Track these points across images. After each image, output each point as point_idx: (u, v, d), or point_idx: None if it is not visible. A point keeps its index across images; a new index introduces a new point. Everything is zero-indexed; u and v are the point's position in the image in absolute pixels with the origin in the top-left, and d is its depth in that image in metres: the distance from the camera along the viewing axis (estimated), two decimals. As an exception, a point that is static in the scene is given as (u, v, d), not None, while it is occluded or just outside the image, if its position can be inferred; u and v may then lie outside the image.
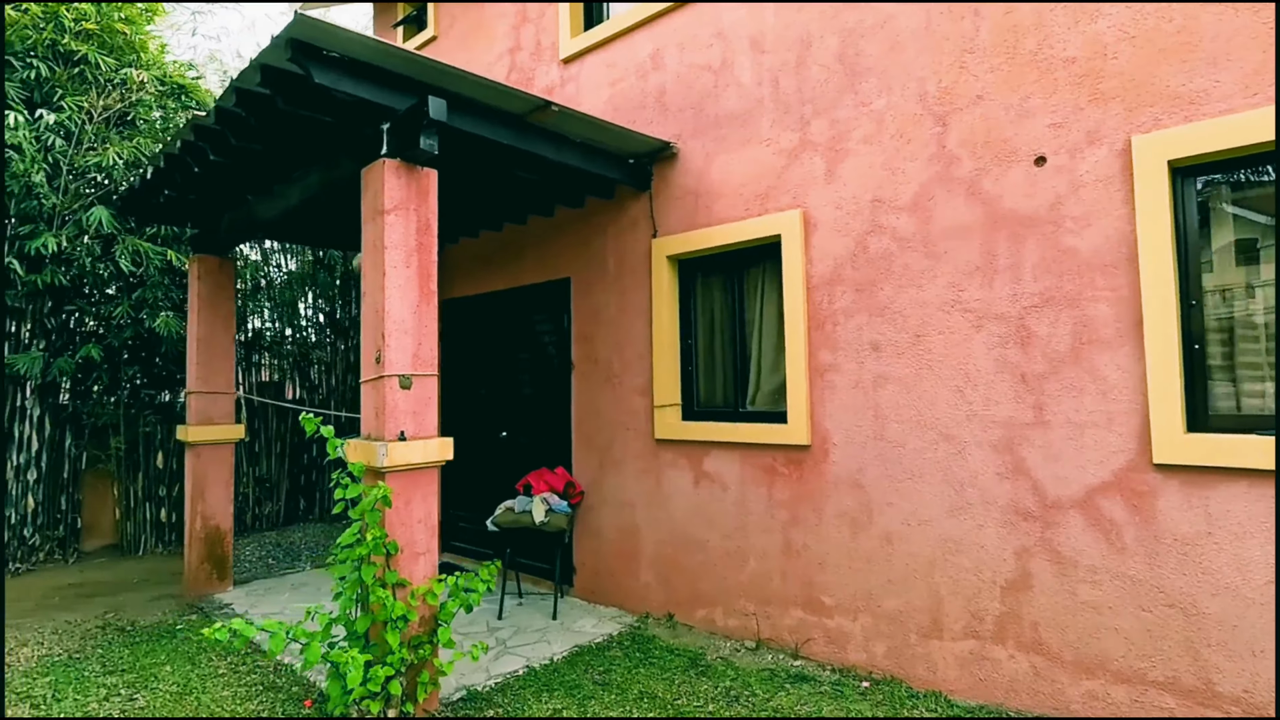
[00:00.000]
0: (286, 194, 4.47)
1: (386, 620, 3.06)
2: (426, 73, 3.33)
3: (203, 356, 5.52)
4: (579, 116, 4.02)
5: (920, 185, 3.54)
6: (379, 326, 3.39)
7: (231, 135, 3.75)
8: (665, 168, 4.73)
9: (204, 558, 5.47)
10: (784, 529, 4.04)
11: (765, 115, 4.20)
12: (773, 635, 4.07)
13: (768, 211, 4.16)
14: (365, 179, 3.54)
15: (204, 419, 5.51)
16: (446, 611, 3.27)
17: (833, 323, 3.86)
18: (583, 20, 5.46)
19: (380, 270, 3.39)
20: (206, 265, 5.56)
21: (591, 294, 5.18)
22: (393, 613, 3.03)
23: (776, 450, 4.09)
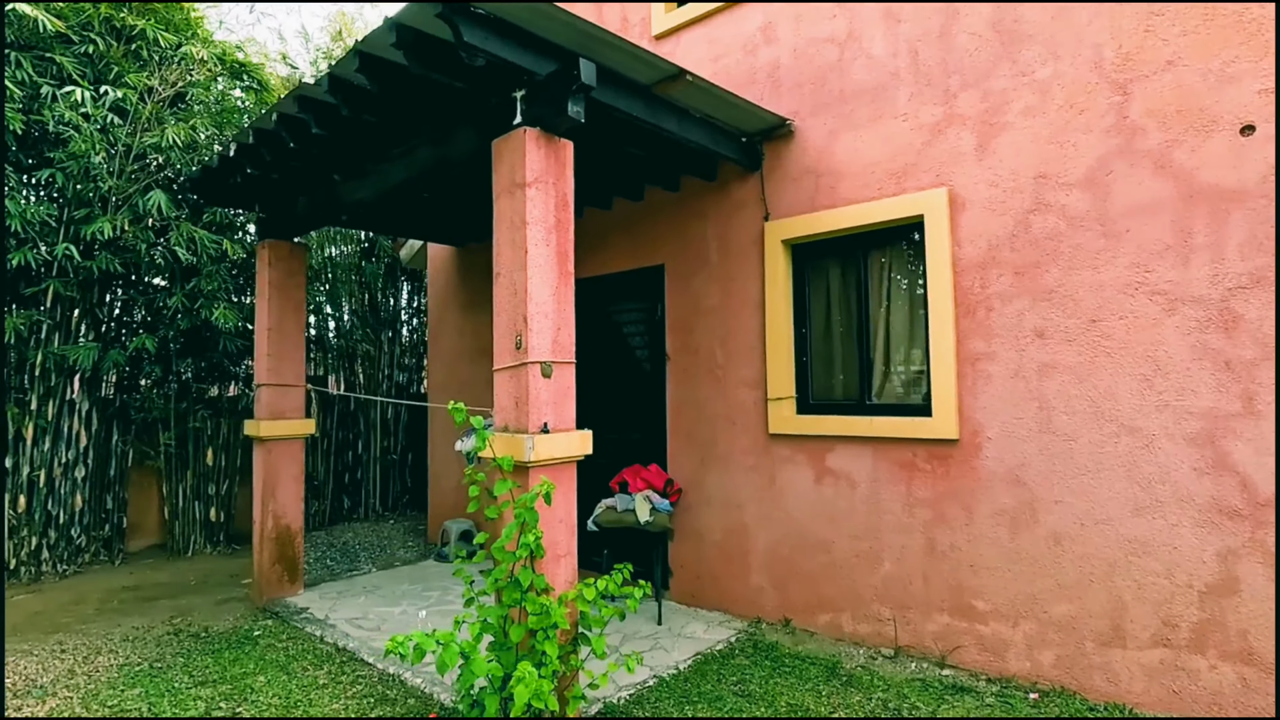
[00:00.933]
0: (384, 173, 4.20)
1: (542, 629, 2.80)
2: (575, 35, 3.06)
3: (273, 347, 5.23)
4: (709, 89, 3.76)
5: (1096, 159, 3.29)
6: (519, 309, 3.13)
7: (345, 105, 3.47)
8: (779, 147, 4.47)
9: (275, 559, 5.19)
10: (926, 529, 3.79)
11: (901, 89, 3.95)
12: (913, 642, 3.82)
13: (905, 191, 3.91)
14: (498, 151, 3.27)
15: (275, 413, 5.22)
16: (597, 619, 3.00)
17: (986, 308, 3.61)
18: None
19: (520, 248, 3.13)
20: (277, 251, 5.27)
21: (689, 281, 4.92)
22: (553, 620, 2.76)
23: (917, 445, 3.83)
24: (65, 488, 6.19)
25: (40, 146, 5.64)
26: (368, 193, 4.33)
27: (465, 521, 6.45)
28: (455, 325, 6.94)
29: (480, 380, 6.62)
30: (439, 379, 7.10)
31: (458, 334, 6.91)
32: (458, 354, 6.89)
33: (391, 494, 8.83)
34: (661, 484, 4.79)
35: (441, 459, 7.05)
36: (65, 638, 4.58)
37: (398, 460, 8.84)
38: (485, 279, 6.63)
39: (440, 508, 7.02)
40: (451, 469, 6.91)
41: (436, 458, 7.12)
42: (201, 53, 6.00)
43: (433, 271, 7.30)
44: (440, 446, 7.06)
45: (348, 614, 4.83)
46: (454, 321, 6.96)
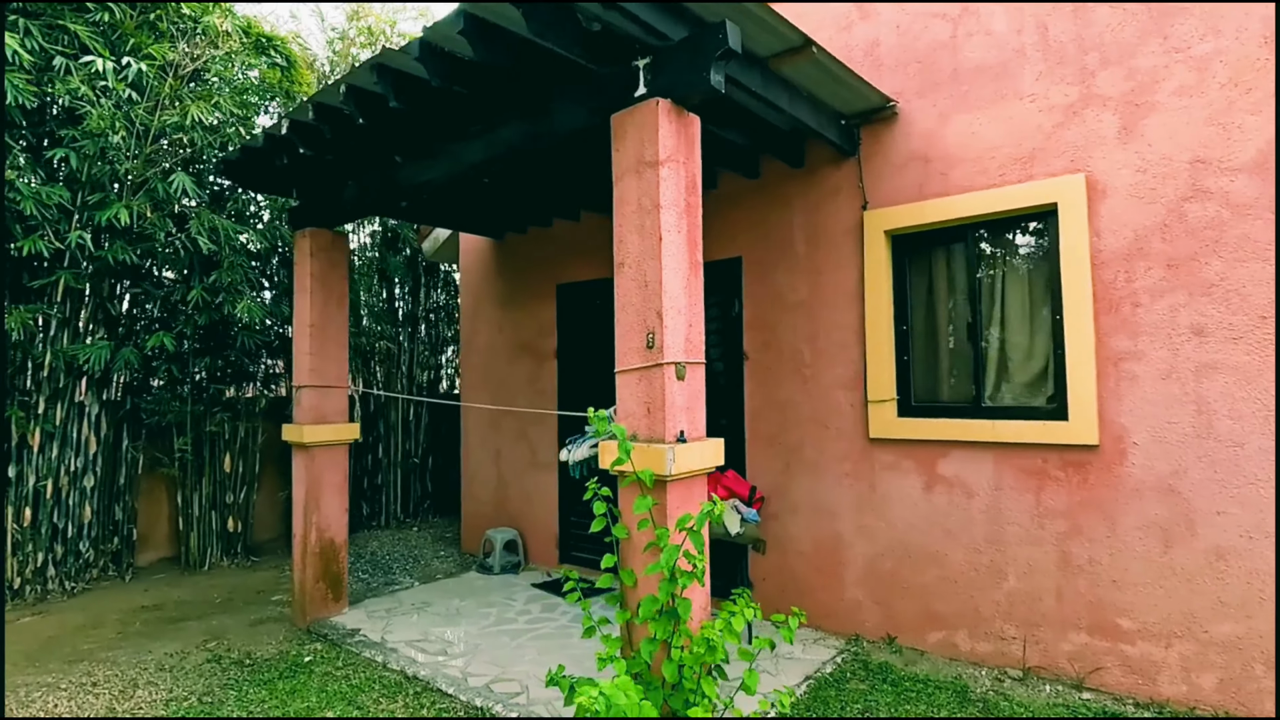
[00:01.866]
0: (457, 153, 3.80)
1: (696, 663, 2.46)
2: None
3: (315, 345, 4.80)
4: (829, 63, 3.43)
5: (1266, 142, 3.04)
6: (651, 303, 2.78)
7: (437, 75, 3.08)
8: (879, 130, 4.17)
9: (318, 575, 4.77)
10: (1059, 541, 3.52)
11: (1027, 67, 3.66)
12: (1044, 663, 3.55)
13: (1033, 177, 3.63)
14: (620, 126, 2.91)
15: (318, 417, 4.80)
16: (746, 651, 2.67)
17: (1132, 303, 3.34)
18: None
19: (652, 235, 2.78)
20: (319, 240, 4.84)
21: (771, 275, 4.60)
22: (719, 655, 2.43)
23: (1048, 451, 3.56)
24: (73, 498, 5.69)
25: (50, 124, 5.13)
26: (437, 175, 3.94)
27: (509, 530, 6.07)
28: (492, 321, 6.54)
29: (518, 379, 6.24)
30: (474, 378, 6.69)
31: (495, 330, 6.51)
32: (495, 352, 6.49)
33: (412, 499, 8.39)
34: (746, 492, 4.47)
35: (476, 462, 6.65)
36: (92, 668, 4.13)
37: (419, 464, 8.40)
38: (525, 273, 6.25)
39: (476, 515, 6.63)
40: (488, 473, 6.52)
41: (471, 461, 6.72)
42: (225, 24, 5.52)
43: (466, 265, 6.88)
44: (475, 449, 6.66)
45: (406, 635, 4.44)
46: (491, 317, 6.56)
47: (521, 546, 6.08)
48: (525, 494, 6.18)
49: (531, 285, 6.20)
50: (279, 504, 7.33)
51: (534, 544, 6.07)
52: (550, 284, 6.04)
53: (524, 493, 6.19)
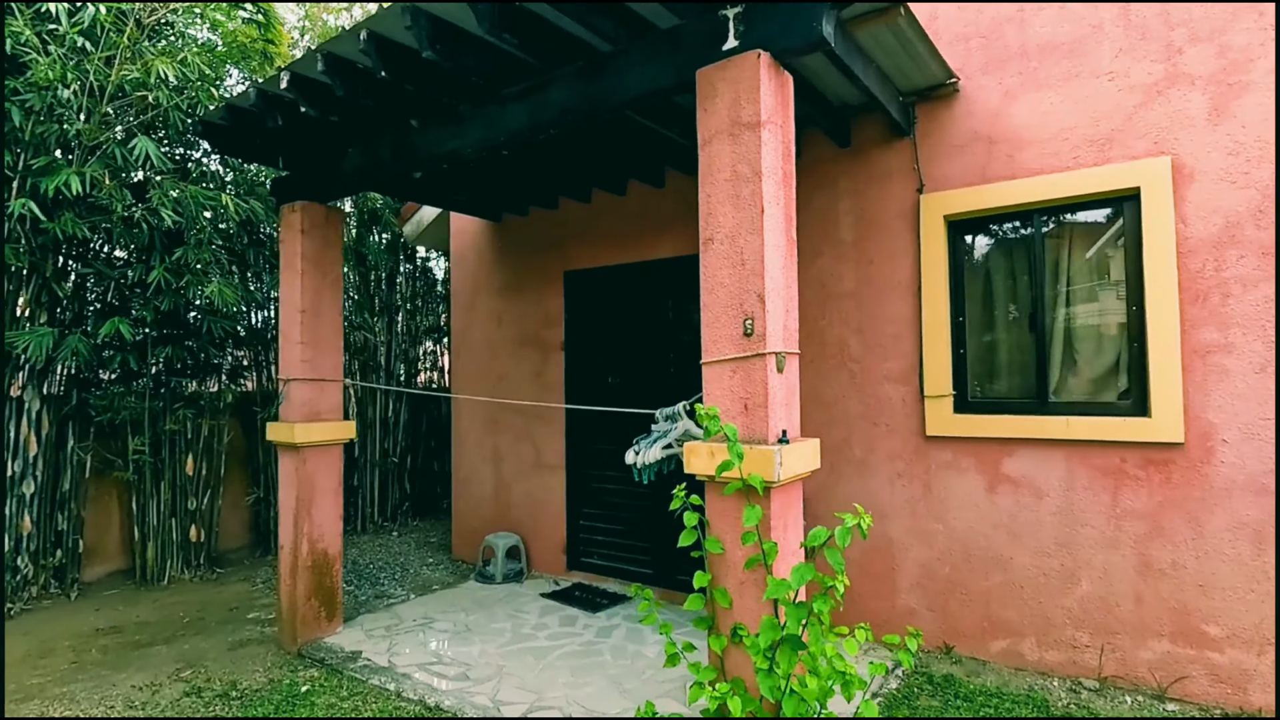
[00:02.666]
0: (492, 118, 3.36)
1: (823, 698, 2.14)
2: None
3: (308, 334, 4.27)
4: (909, 27, 3.15)
5: (1373, 125, 2.90)
6: (750, 285, 2.43)
7: (485, 21, 2.65)
8: (937, 109, 3.92)
9: (310, 591, 4.25)
10: (1138, 544, 3.34)
11: (1106, 43, 3.46)
12: (1121, 671, 3.37)
13: (1111, 160, 3.43)
14: (709, 82, 2.55)
15: (310, 413, 4.27)
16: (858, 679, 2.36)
17: (1222, 294, 3.18)
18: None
19: (751, 207, 2.43)
20: (312, 216, 4.31)
21: (813, 262, 4.31)
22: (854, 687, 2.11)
23: (1126, 449, 3.38)
24: (10, 507, 4.97)
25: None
26: (465, 144, 3.48)
27: (510, 536, 5.63)
28: (490, 311, 6.07)
29: (521, 374, 5.80)
30: (469, 371, 6.21)
31: (493, 322, 6.04)
32: (493, 344, 6.03)
33: (390, 502, 7.82)
34: (788, 494, 4.17)
35: (472, 463, 6.17)
36: (46, 707, 3.53)
37: (397, 464, 7.83)
38: (527, 258, 5.80)
39: (470, 519, 6.15)
40: (484, 474, 6.06)
41: (465, 462, 6.23)
42: (195, -29, 4.89)
43: (458, 250, 6.38)
44: (470, 449, 6.19)
45: (416, 657, 3.98)
46: (489, 307, 6.08)
47: (524, 553, 5.65)
48: (528, 497, 5.75)
49: (535, 272, 5.76)
50: (245, 509, 6.68)
51: (538, 550, 5.65)
52: (557, 270, 5.62)
53: (527, 495, 5.76)
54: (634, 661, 3.88)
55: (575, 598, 4.99)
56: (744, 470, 2.29)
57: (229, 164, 5.55)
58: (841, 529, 2.15)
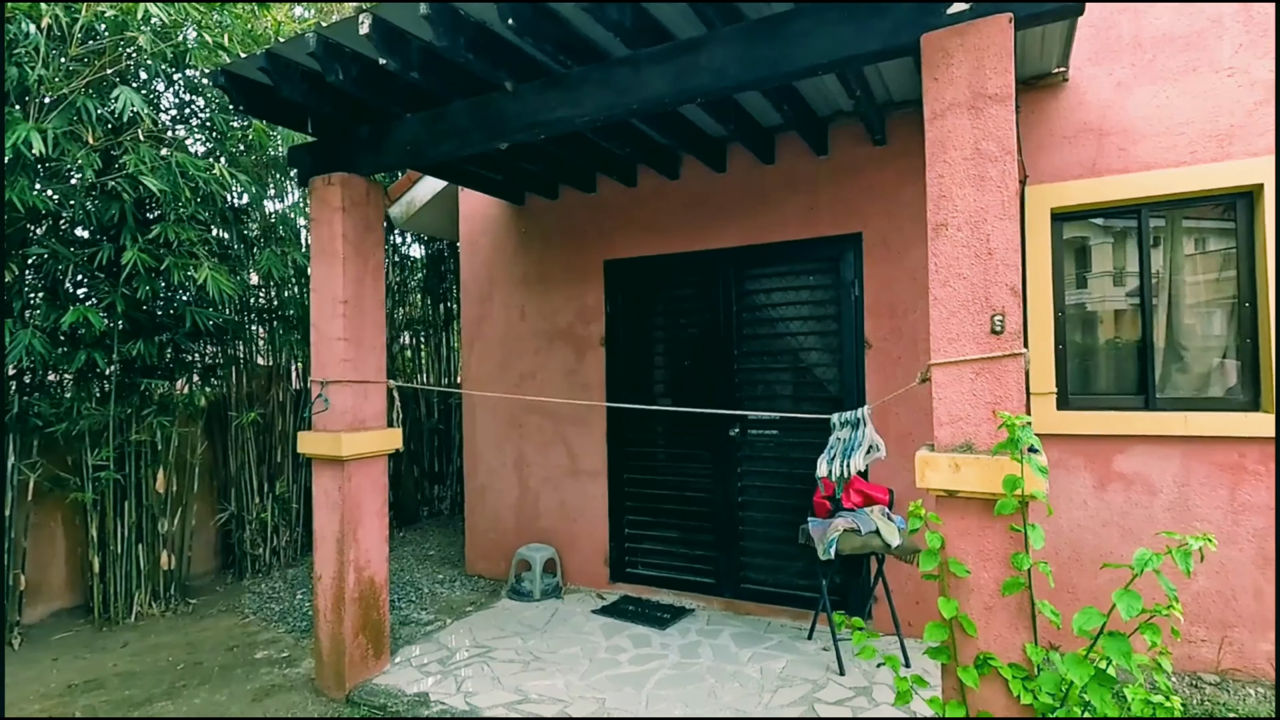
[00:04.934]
0: (622, 83, 2.92)
1: (1121, 740, 1.93)
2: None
3: (352, 329, 3.67)
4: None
5: None
6: (999, 276, 2.18)
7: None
8: (1042, 98, 3.82)
9: (359, 627, 3.67)
10: (1257, 538, 3.38)
11: (1226, 38, 3.46)
12: (1239, 665, 3.41)
13: (1231, 156, 3.44)
14: (938, 48, 2.27)
15: (354, 421, 3.67)
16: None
17: (1344, 292, 3.24)
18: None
19: (1001, 189, 2.18)
20: (352, 191, 3.69)
21: (902, 255, 4.14)
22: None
23: (1244, 444, 3.41)
24: (-59, 542, 4.04)
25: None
26: (579, 112, 3.01)
27: (545, 548, 5.17)
28: (511, 304, 5.54)
29: (550, 372, 5.33)
30: (486, 369, 5.65)
31: (515, 315, 5.52)
32: (515, 339, 5.51)
33: (373, 512, 7.07)
34: (885, 497, 4.00)
35: (490, 470, 5.64)
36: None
37: (380, 470, 7.08)
38: (559, 246, 5.33)
39: (489, 531, 5.62)
40: (506, 482, 5.54)
41: (481, 468, 5.68)
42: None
43: (470, 235, 5.79)
44: (488, 454, 5.64)
45: (498, 697, 3.50)
46: (509, 300, 5.55)
47: (559, 566, 5.21)
48: (561, 505, 5.29)
49: (568, 261, 5.29)
50: (214, 530, 5.82)
51: (574, 562, 5.22)
52: (595, 260, 5.18)
53: (560, 504, 5.30)
54: (743, 685, 3.58)
55: (631, 613, 4.62)
56: (992, 482, 2.03)
57: (215, 125, 4.73)
58: (1181, 550, 1.95)
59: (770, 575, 4.55)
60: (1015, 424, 1.97)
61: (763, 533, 4.59)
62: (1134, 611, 1.86)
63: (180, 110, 4.81)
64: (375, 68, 3.14)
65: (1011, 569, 2.15)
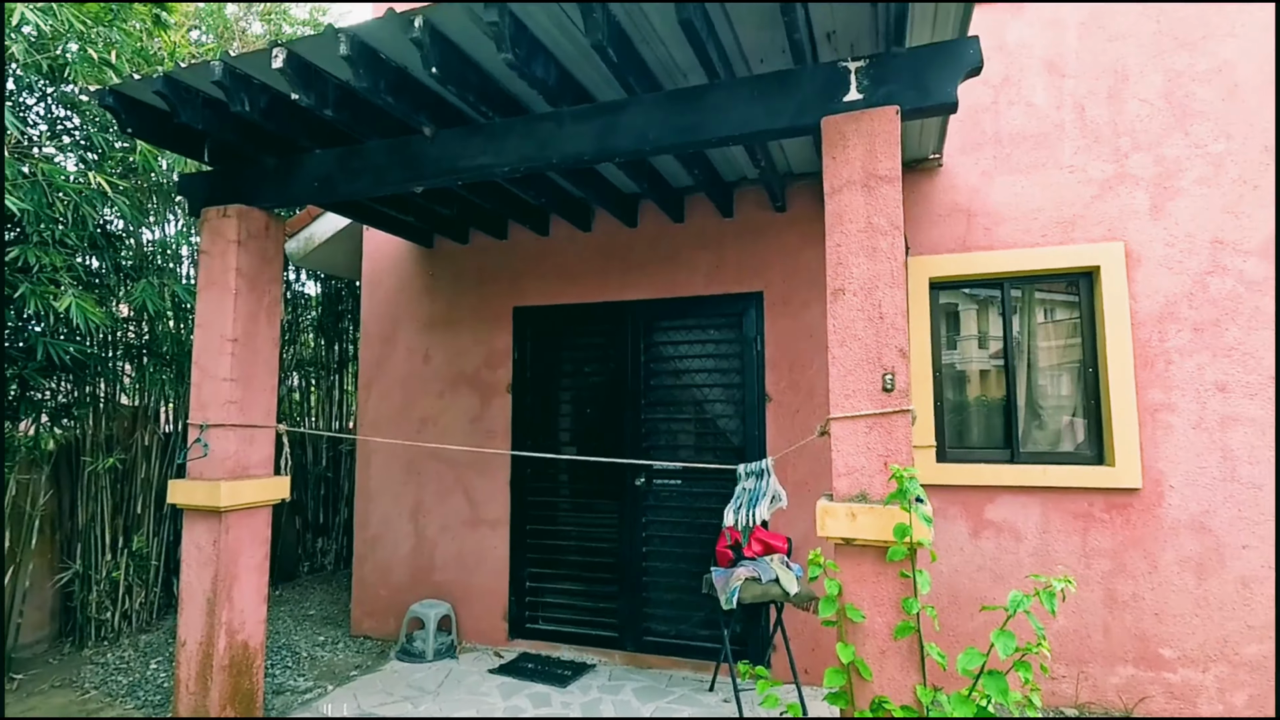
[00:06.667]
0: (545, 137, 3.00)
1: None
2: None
3: (240, 368, 3.44)
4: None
5: (1271, 232, 3.65)
6: (890, 339, 2.38)
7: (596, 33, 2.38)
8: (920, 179, 4.26)
9: (228, 698, 3.33)
10: (1105, 580, 3.77)
11: (1066, 141, 4.02)
12: (1094, 698, 3.74)
13: (1074, 241, 3.95)
14: (839, 131, 2.51)
15: (237, 468, 3.42)
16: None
17: (1165, 361, 3.76)
18: None
19: (888, 259, 2.41)
20: (251, 224, 3.53)
21: (801, 312, 4.41)
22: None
23: (1094, 494, 3.82)
24: None
25: None
26: (500, 161, 3.05)
27: (440, 604, 4.92)
28: (415, 347, 5.38)
29: (453, 417, 5.19)
30: (384, 413, 5.41)
31: (419, 357, 5.36)
32: (420, 382, 5.33)
33: (246, 568, 6.47)
34: (784, 545, 4.13)
35: (383, 519, 5.34)
36: None
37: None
38: (467, 291, 5.27)
39: (379, 585, 5.29)
40: (401, 532, 5.26)
41: (374, 518, 5.37)
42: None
43: (373, 274, 5.60)
44: (382, 502, 5.36)
45: (384, 769, 3.25)
46: (413, 342, 5.39)
47: (454, 623, 4.97)
48: (460, 557, 5.08)
49: (477, 306, 5.24)
50: (51, 591, 5.12)
51: (471, 619, 5.00)
52: (505, 305, 5.15)
53: (458, 555, 5.09)
54: (647, 741, 3.52)
55: (531, 671, 4.46)
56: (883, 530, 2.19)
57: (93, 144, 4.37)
58: (1046, 592, 2.13)
59: (673, 626, 4.55)
60: (904, 476, 2.13)
61: (666, 583, 4.61)
62: (1010, 650, 2.02)
63: (51, 127, 4.42)
64: (287, 100, 3.06)
65: (903, 614, 2.29)
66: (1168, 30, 3.90)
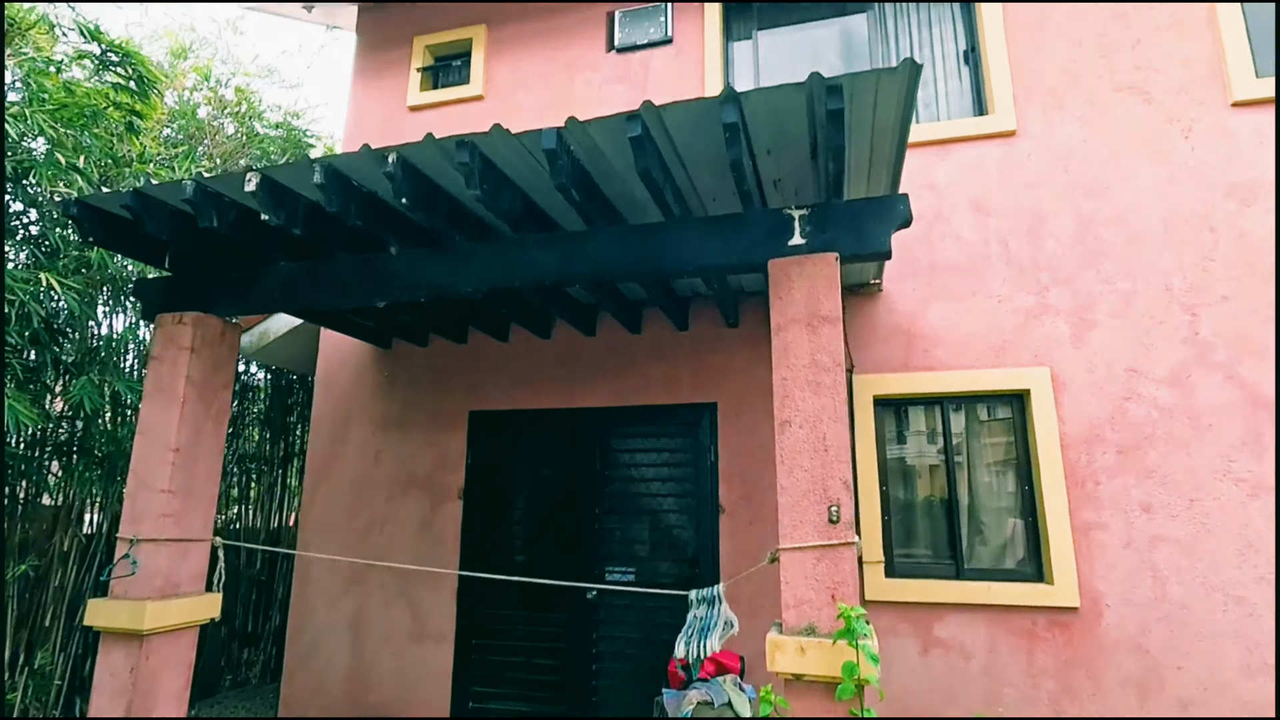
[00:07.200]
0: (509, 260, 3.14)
1: None
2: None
3: (179, 479, 3.34)
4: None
5: (1177, 363, 3.97)
6: (834, 471, 2.49)
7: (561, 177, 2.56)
8: (864, 302, 4.53)
9: None
10: (1053, 701, 3.79)
11: (994, 273, 4.36)
12: (1049, 828, 3.68)
13: (1004, 365, 4.22)
14: (784, 273, 2.70)
15: (167, 586, 3.25)
16: None
17: (1094, 481, 3.96)
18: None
19: (830, 395, 2.55)
20: (206, 331, 3.51)
21: (754, 426, 4.52)
22: None
23: (1037, 613, 3.90)
24: None
25: None
26: (462, 280, 3.16)
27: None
28: (366, 447, 5.28)
29: (403, 522, 5.05)
30: (329, 515, 5.22)
31: (370, 458, 5.25)
32: (369, 484, 5.20)
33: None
34: (736, 665, 4.05)
35: (319, 630, 5.05)
36: None
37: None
38: (423, 392, 5.27)
39: (307, 704, 4.93)
40: (337, 645, 4.97)
41: (311, 624, 5.08)
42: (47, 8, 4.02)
43: (328, 372, 5.56)
44: (320, 607, 5.08)
45: None
46: (365, 441, 5.30)
47: (392, 748, 4.64)
48: (400, 674, 4.81)
49: (432, 408, 5.22)
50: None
51: (408, 742, 4.68)
52: (460, 409, 5.15)
53: (398, 672, 4.82)
54: None
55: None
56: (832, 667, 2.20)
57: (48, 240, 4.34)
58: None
59: (623, 751, 4.35)
60: (851, 615, 2.17)
61: (617, 700, 4.43)
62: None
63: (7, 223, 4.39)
64: (255, 216, 3.14)
65: (854, 752, 2.26)
66: (1076, 180, 4.36)
